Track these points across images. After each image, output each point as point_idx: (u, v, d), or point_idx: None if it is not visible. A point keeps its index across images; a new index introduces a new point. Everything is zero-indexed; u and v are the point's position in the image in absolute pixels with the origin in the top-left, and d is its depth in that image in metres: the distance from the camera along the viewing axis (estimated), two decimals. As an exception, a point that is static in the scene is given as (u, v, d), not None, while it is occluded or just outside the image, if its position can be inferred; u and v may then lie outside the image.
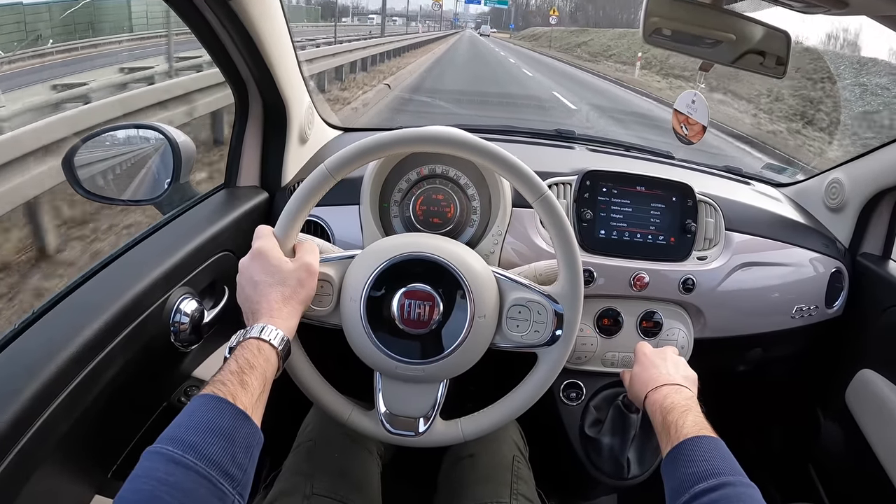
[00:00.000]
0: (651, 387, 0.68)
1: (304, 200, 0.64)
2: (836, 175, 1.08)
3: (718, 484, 0.52)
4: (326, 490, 0.71)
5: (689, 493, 0.52)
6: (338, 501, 0.70)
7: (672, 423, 0.60)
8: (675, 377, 0.69)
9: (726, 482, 0.52)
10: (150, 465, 0.42)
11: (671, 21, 0.83)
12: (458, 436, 0.69)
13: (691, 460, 0.55)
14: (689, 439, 0.57)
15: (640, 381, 0.72)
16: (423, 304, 0.64)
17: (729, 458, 0.56)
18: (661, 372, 0.71)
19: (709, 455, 0.56)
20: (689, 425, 0.59)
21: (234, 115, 0.90)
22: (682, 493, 0.53)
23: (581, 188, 0.92)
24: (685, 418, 0.60)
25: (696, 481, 0.53)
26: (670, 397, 0.65)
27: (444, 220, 0.85)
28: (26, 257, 2.48)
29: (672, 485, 0.55)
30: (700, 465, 0.54)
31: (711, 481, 0.52)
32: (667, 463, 0.58)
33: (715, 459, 0.55)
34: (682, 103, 0.92)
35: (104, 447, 0.69)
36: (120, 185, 0.91)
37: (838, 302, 1.04)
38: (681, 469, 0.55)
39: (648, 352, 0.77)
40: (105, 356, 0.59)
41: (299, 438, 0.80)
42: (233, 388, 0.49)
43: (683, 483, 0.53)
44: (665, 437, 0.60)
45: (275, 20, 0.79)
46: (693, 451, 0.56)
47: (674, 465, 0.57)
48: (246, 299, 0.60)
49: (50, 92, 4.26)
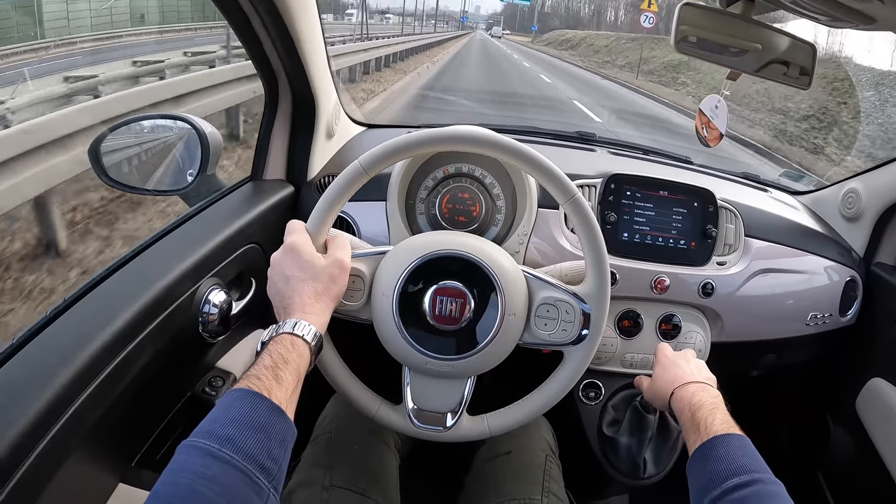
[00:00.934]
0: (678, 384, 0.69)
1: (337, 196, 0.64)
2: (852, 185, 1.10)
3: (750, 480, 0.52)
4: (345, 482, 0.71)
5: (721, 488, 0.52)
6: (356, 493, 0.71)
7: (702, 420, 0.61)
8: (699, 376, 0.70)
9: (757, 479, 0.52)
10: (187, 458, 0.43)
11: (699, 29, 0.84)
12: (485, 431, 0.69)
13: (722, 457, 0.56)
14: (720, 436, 0.58)
15: (663, 380, 0.73)
16: (455, 301, 0.64)
17: (757, 457, 0.56)
18: (686, 371, 0.72)
19: (740, 452, 0.56)
20: (718, 423, 0.60)
21: (264, 109, 0.90)
22: (713, 488, 0.53)
23: (606, 191, 0.92)
24: (714, 416, 0.61)
25: (728, 477, 0.53)
26: (698, 395, 0.65)
27: (469, 219, 0.85)
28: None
29: (701, 480, 0.56)
30: (731, 462, 0.54)
31: (743, 477, 0.52)
32: (696, 459, 0.58)
33: (745, 457, 0.55)
34: (707, 105, 0.93)
35: (130, 435, 0.69)
36: (145, 174, 0.91)
37: (852, 310, 1.05)
38: (711, 465, 0.55)
39: (670, 354, 0.78)
40: (136, 345, 0.60)
41: (317, 430, 0.81)
42: (268, 382, 0.49)
43: (715, 478, 0.54)
44: (694, 434, 0.61)
45: (311, 17, 0.80)
46: (724, 447, 0.57)
47: (703, 461, 0.57)
48: (278, 294, 0.60)
49: (63, 84, 4.30)
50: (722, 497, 0.52)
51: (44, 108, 3.53)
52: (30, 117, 2.71)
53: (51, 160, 2.31)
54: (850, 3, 0.65)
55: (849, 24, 0.74)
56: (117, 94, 3.53)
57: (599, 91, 13.07)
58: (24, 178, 2.18)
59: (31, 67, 5.34)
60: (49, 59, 6.16)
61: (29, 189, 2.22)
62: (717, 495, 0.52)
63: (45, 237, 2.41)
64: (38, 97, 3.72)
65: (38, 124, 2.40)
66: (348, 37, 13.20)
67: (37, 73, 4.64)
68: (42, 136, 2.29)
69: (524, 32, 74.18)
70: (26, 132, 2.30)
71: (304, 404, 0.81)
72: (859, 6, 0.64)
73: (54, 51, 6.53)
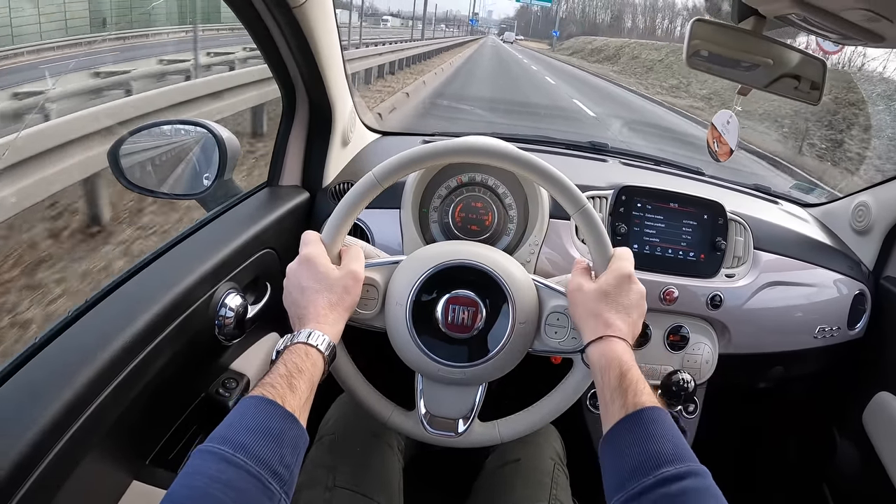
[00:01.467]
0: (607, 333, 0.59)
1: (351, 207, 0.66)
2: (863, 198, 1.10)
3: (687, 471, 0.46)
4: (348, 482, 0.72)
5: (654, 477, 0.46)
6: (359, 494, 0.72)
7: (631, 385, 0.53)
8: (628, 333, 0.60)
9: (693, 470, 0.47)
10: (202, 462, 0.44)
11: (711, 44, 0.85)
12: (496, 437, 0.70)
13: (654, 436, 0.49)
14: (652, 409, 0.51)
15: (588, 312, 0.61)
16: (467, 310, 0.65)
17: (685, 440, 0.50)
18: (618, 324, 0.60)
19: (673, 434, 0.50)
20: (647, 393, 0.52)
21: (281, 116, 0.92)
22: (644, 474, 0.47)
23: (617, 203, 0.94)
24: (644, 383, 0.53)
25: (662, 463, 0.47)
26: (628, 354, 0.57)
27: (482, 228, 0.87)
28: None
29: (629, 460, 0.48)
30: (665, 444, 0.48)
31: (680, 467, 0.46)
32: (621, 430, 0.51)
33: (677, 438, 0.50)
34: (719, 120, 0.94)
35: (145, 434, 0.70)
36: (163, 178, 0.93)
37: (860, 324, 1.05)
38: (642, 444, 0.48)
39: (606, 283, 0.62)
40: (155, 346, 0.61)
41: (321, 431, 0.82)
42: (282, 390, 0.50)
43: (647, 461, 0.47)
44: (619, 399, 0.53)
45: (329, 25, 0.81)
46: (656, 425, 0.50)
47: (632, 437, 0.50)
48: (293, 304, 0.62)
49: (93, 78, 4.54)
50: (655, 487, 0.46)
51: (81, 100, 3.79)
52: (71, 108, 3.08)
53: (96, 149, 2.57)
54: (859, 22, 0.66)
55: (858, 42, 0.75)
56: (155, 92, 3.83)
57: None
58: (73, 163, 2.48)
59: (77, 61, 5.57)
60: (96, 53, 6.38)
61: (76, 172, 2.53)
62: (650, 484, 0.46)
63: (91, 211, 2.80)
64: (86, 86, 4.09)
65: (91, 113, 2.70)
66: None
67: (82, 65, 4.88)
68: (90, 126, 2.60)
69: (538, 38, 69.61)
70: (74, 121, 2.58)
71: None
72: (869, 25, 0.65)
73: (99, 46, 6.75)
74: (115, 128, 2.64)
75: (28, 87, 3.85)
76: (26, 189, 2.25)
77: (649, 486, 0.46)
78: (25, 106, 3.46)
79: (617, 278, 0.62)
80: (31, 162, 2.26)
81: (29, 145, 2.26)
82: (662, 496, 0.45)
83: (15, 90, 3.63)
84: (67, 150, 2.45)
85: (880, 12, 0.59)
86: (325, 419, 0.85)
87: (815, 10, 0.67)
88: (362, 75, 8.91)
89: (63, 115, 2.63)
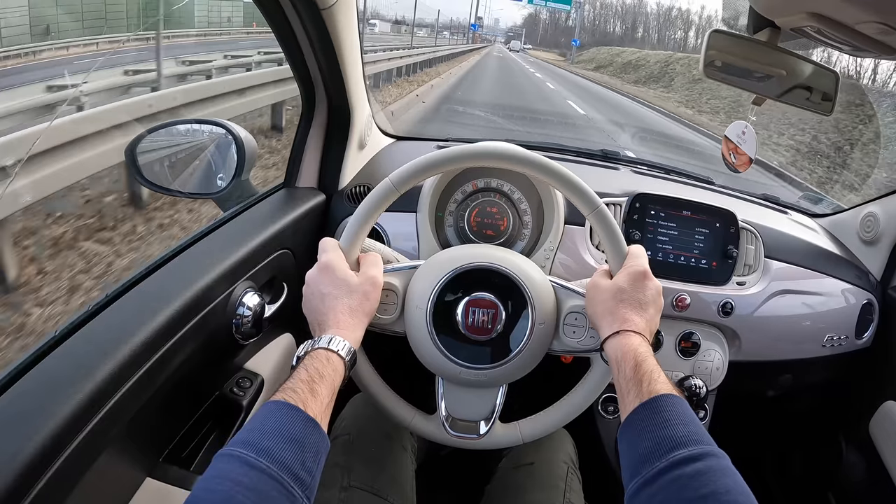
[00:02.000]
0: (624, 327, 0.59)
1: (368, 213, 0.66)
2: (871, 209, 1.11)
3: (701, 453, 0.46)
4: (363, 482, 0.72)
5: (668, 459, 0.46)
6: (374, 494, 0.72)
7: (646, 374, 0.53)
8: (645, 328, 0.60)
9: (709, 452, 0.46)
10: (224, 466, 0.44)
11: (727, 55, 0.86)
12: (517, 438, 0.71)
13: (668, 422, 0.48)
14: (665, 396, 0.51)
15: (605, 308, 0.62)
16: (487, 312, 0.66)
17: (702, 426, 0.50)
18: (635, 318, 0.60)
19: (687, 418, 0.49)
20: (662, 381, 0.53)
21: (300, 117, 0.92)
22: (657, 458, 0.46)
23: (631, 210, 0.94)
24: (659, 373, 0.54)
25: (675, 446, 0.46)
26: (644, 346, 0.58)
27: (497, 233, 0.87)
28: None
29: (642, 445, 0.48)
30: (678, 429, 0.48)
31: (693, 449, 0.46)
32: (636, 419, 0.51)
33: (693, 424, 0.49)
34: (733, 132, 0.95)
35: (160, 432, 0.70)
36: (180, 177, 0.93)
37: (868, 333, 1.06)
38: (655, 430, 0.48)
39: (624, 281, 0.63)
40: (174, 343, 0.61)
41: (335, 432, 0.82)
42: (303, 395, 0.51)
43: (660, 445, 0.47)
44: (635, 388, 0.53)
45: (353, 31, 0.82)
46: (669, 410, 0.50)
47: (645, 424, 0.50)
48: (313, 310, 0.62)
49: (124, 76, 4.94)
50: (669, 469, 0.45)
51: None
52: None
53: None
54: (874, 35, 0.67)
55: (871, 54, 0.76)
56: (188, 86, 4.30)
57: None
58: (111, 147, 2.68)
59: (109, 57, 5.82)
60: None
61: (115, 155, 2.70)
62: (664, 467, 0.45)
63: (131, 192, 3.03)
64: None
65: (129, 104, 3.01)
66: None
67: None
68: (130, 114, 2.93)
69: (548, 48, 64.78)
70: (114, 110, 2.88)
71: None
72: (883, 38, 0.66)
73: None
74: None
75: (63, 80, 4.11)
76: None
77: (663, 469, 0.46)
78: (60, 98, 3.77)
79: (632, 275, 0.63)
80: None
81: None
82: (677, 478, 0.45)
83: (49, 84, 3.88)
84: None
85: (894, 25, 0.60)
86: (339, 419, 0.85)
87: (829, 23, 0.68)
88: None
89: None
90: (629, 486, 0.49)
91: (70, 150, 2.47)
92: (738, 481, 0.45)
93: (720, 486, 0.44)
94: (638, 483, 0.47)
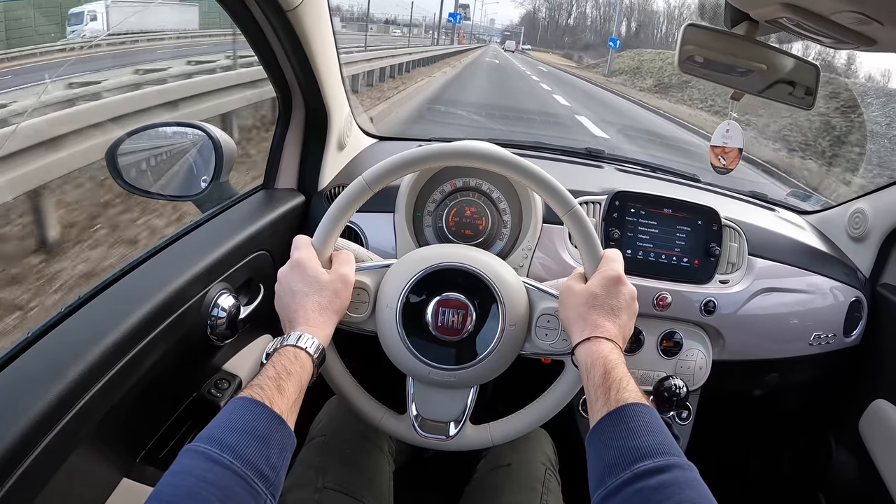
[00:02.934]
0: (595, 334, 0.58)
1: (341, 212, 0.66)
2: (859, 205, 1.10)
3: (666, 465, 0.45)
4: (338, 484, 0.72)
5: (632, 471, 0.45)
6: (349, 496, 0.72)
7: (614, 382, 0.53)
8: (618, 335, 0.60)
9: (674, 463, 0.45)
10: (189, 462, 0.44)
11: (705, 49, 0.85)
12: (487, 440, 0.71)
13: (633, 431, 0.48)
14: (632, 405, 0.50)
15: (577, 314, 0.61)
16: (457, 313, 0.66)
17: (670, 436, 0.49)
18: (607, 325, 0.60)
19: (654, 428, 0.49)
20: (631, 389, 0.52)
21: (277, 119, 0.93)
22: (621, 469, 0.46)
23: (610, 208, 0.94)
24: (629, 381, 0.53)
25: (640, 458, 0.46)
26: (615, 353, 0.57)
27: (475, 232, 0.87)
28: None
29: (607, 456, 0.48)
30: (643, 439, 0.47)
31: (658, 460, 0.45)
32: (602, 429, 0.50)
33: (659, 433, 0.48)
34: (718, 137, 0.94)
35: (135, 432, 0.71)
36: (160, 179, 0.94)
37: (856, 331, 1.05)
38: (620, 440, 0.48)
39: (597, 286, 0.62)
40: (145, 345, 0.62)
41: (311, 433, 0.82)
42: (270, 392, 0.51)
43: (624, 456, 0.47)
44: (603, 396, 0.53)
45: (325, 31, 0.82)
46: (636, 420, 0.49)
47: (611, 434, 0.49)
48: (284, 307, 0.63)
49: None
50: (633, 481, 0.45)
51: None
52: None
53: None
54: (851, 26, 0.66)
55: (851, 46, 0.75)
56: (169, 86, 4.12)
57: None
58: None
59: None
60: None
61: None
62: (628, 478, 0.45)
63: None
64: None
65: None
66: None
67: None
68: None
69: (548, 48, 56.56)
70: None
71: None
72: (860, 28, 0.65)
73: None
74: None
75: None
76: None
77: (627, 481, 0.45)
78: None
79: (606, 280, 0.62)
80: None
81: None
82: (639, 490, 0.44)
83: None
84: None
85: (871, 15, 0.59)
86: (315, 420, 0.85)
87: (805, 14, 0.67)
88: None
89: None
90: (594, 496, 0.48)
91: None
92: (704, 493, 0.44)
93: (684, 498, 0.43)
94: (602, 494, 0.47)
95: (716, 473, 0.56)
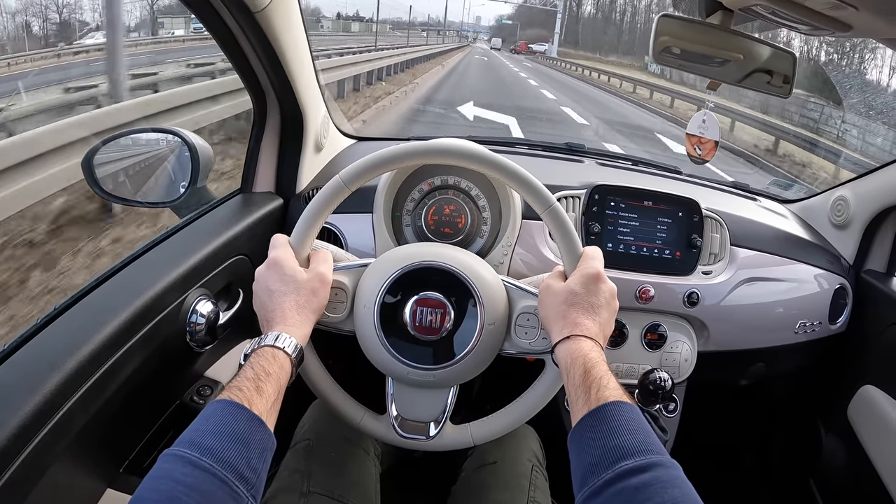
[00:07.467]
0: (574, 332, 0.58)
1: (318, 211, 0.66)
2: (841, 192, 1.10)
3: (648, 464, 0.45)
4: (323, 488, 0.72)
5: (614, 471, 0.45)
6: (334, 499, 0.71)
7: (595, 381, 0.52)
8: (598, 333, 0.59)
9: (656, 462, 0.45)
10: (168, 466, 0.44)
11: (680, 40, 0.85)
12: (468, 440, 0.70)
13: (614, 431, 0.48)
14: (613, 403, 0.50)
15: (557, 313, 0.60)
16: (435, 312, 0.65)
17: (652, 433, 0.49)
18: (587, 323, 0.59)
19: (635, 427, 0.48)
20: (612, 387, 0.52)
21: (252, 122, 0.92)
22: (603, 469, 0.46)
23: (590, 202, 0.93)
24: (609, 379, 0.53)
25: (622, 457, 0.45)
26: (595, 351, 0.57)
27: (455, 231, 0.87)
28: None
29: (588, 456, 0.48)
30: (625, 438, 0.47)
31: (640, 459, 0.45)
32: (583, 428, 0.50)
33: (640, 432, 0.48)
34: (694, 126, 0.94)
35: (118, 442, 0.70)
36: (137, 187, 0.93)
37: (842, 318, 1.05)
38: (601, 439, 0.48)
39: (577, 283, 0.62)
40: (123, 354, 0.61)
41: (296, 437, 0.81)
42: (249, 394, 0.50)
43: (606, 456, 0.46)
44: (583, 395, 0.52)
45: (296, 32, 0.81)
46: (616, 419, 0.49)
47: (592, 433, 0.49)
48: (261, 307, 0.62)
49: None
50: (615, 481, 0.44)
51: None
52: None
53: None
54: (825, 11, 0.65)
55: (827, 33, 0.75)
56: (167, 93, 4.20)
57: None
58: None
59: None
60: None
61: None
62: (610, 478, 0.45)
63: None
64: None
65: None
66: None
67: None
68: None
69: (588, 49, 51.51)
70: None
71: (283, 411, 0.82)
72: (834, 14, 0.65)
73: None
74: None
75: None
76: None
77: (609, 481, 0.45)
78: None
79: (585, 278, 0.62)
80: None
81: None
82: (621, 490, 0.44)
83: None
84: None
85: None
86: (300, 424, 0.84)
87: (779, 0, 0.67)
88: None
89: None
90: (577, 496, 0.48)
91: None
92: (687, 491, 0.44)
93: (666, 497, 0.43)
94: (585, 495, 0.46)
95: (705, 464, 0.55)
